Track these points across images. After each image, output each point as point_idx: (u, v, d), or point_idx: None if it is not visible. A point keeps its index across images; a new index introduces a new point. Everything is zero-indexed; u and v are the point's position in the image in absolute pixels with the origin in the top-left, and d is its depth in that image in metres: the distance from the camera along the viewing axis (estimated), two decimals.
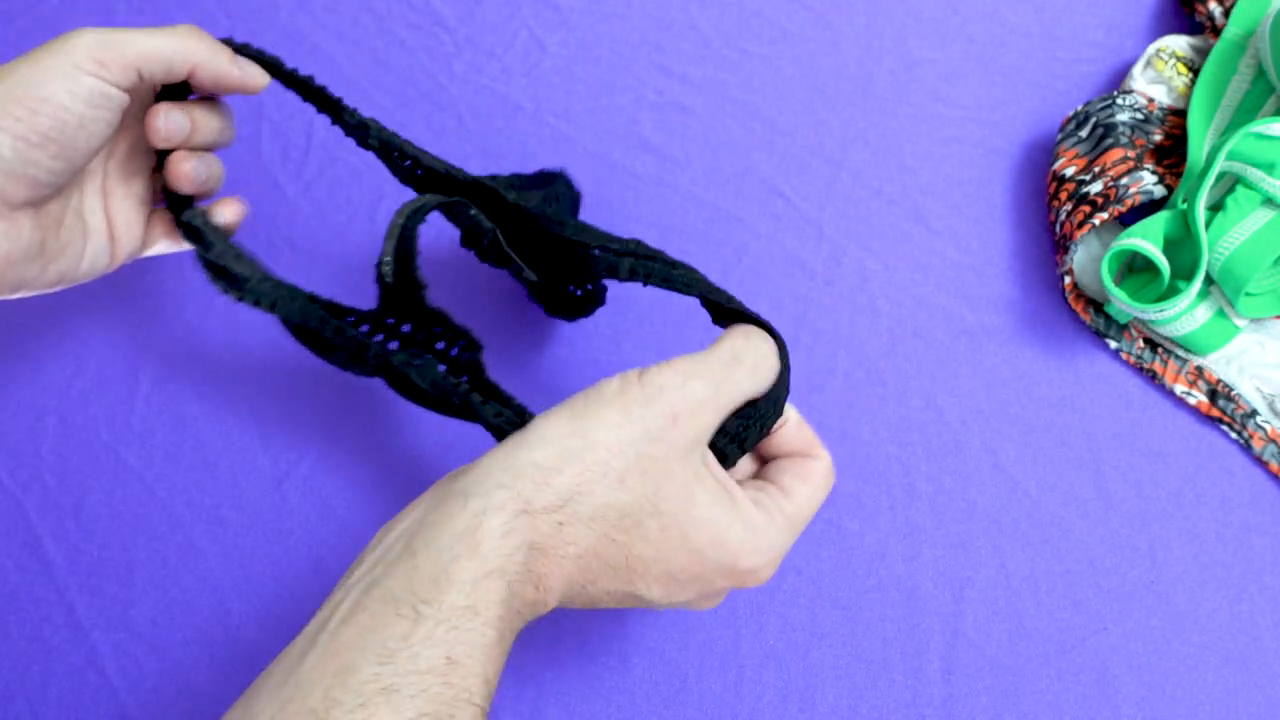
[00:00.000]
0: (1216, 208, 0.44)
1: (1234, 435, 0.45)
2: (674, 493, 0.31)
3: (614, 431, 0.30)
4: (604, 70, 0.53)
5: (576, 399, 0.31)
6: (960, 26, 0.52)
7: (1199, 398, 0.46)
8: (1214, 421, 0.46)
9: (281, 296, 0.36)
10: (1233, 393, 0.45)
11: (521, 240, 0.40)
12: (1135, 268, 0.46)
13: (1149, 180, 0.44)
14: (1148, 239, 0.43)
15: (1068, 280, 0.46)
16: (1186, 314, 0.43)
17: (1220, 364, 0.46)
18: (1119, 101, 0.47)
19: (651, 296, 0.49)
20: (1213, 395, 0.46)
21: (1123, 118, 0.46)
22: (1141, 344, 0.46)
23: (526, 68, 0.53)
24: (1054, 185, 0.47)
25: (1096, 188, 0.45)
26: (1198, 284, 0.42)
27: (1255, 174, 0.42)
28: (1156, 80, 0.48)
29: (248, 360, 0.48)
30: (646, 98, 0.52)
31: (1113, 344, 0.46)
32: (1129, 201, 0.44)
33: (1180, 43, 0.48)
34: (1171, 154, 0.47)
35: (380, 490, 0.46)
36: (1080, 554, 0.44)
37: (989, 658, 0.43)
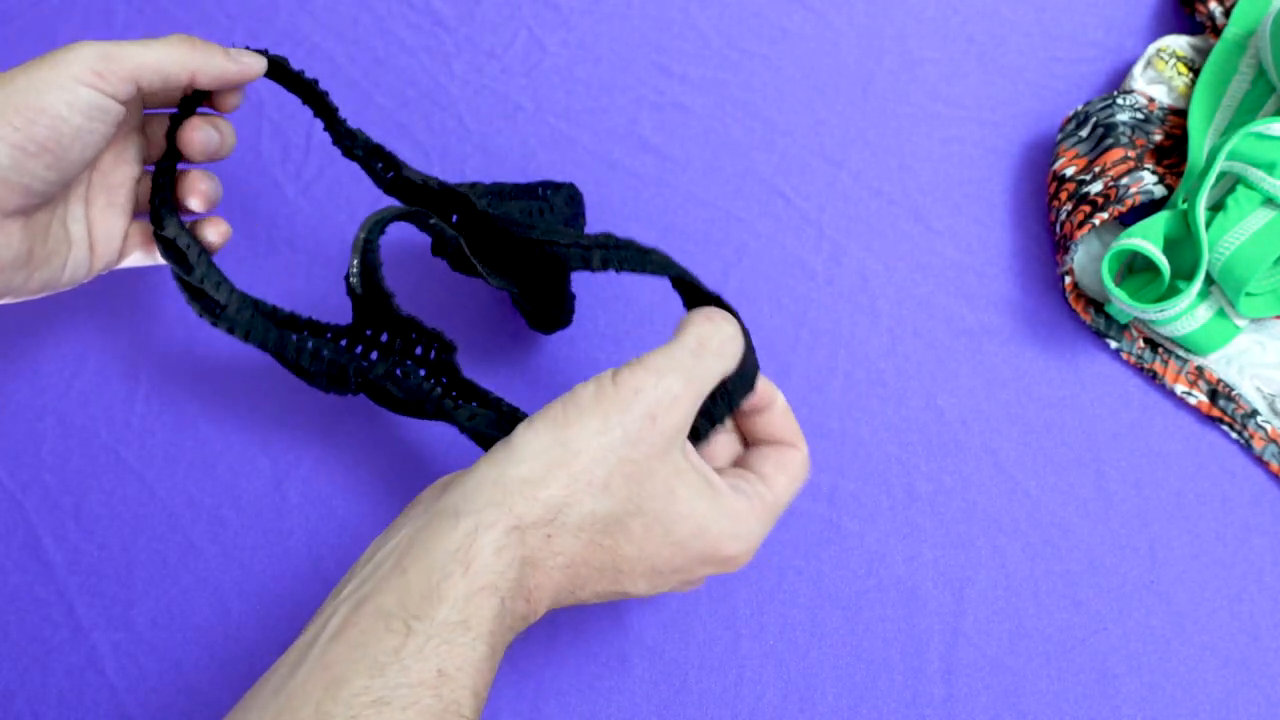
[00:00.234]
0: (1217, 208, 0.44)
1: (1234, 435, 0.45)
2: (656, 491, 0.31)
3: (595, 439, 0.30)
4: (604, 70, 0.53)
5: (555, 407, 0.31)
6: (960, 26, 0.52)
7: (1199, 398, 0.46)
8: (1214, 421, 0.46)
9: (257, 326, 0.37)
10: (1233, 393, 0.45)
11: (496, 248, 0.41)
12: (1135, 268, 0.46)
13: (1149, 180, 0.44)
14: (1148, 239, 0.43)
15: (1068, 280, 0.46)
16: (1187, 314, 0.43)
17: (1221, 364, 0.46)
18: (1119, 101, 0.47)
19: (651, 296, 0.49)
20: (1213, 395, 0.45)
21: (1123, 118, 0.46)
22: (1142, 344, 0.46)
23: (526, 68, 0.53)
24: (1054, 185, 0.47)
25: (1097, 188, 0.45)
26: (1198, 284, 0.42)
27: (1256, 174, 0.42)
28: (1157, 80, 0.48)
29: (248, 360, 0.48)
30: (646, 98, 0.52)
31: (1113, 344, 0.46)
32: (1129, 201, 0.44)
33: (1180, 43, 0.48)
34: (1172, 154, 0.47)
35: (380, 490, 0.46)
36: (1080, 554, 0.44)
37: (989, 658, 0.43)
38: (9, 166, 0.34)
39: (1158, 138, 0.47)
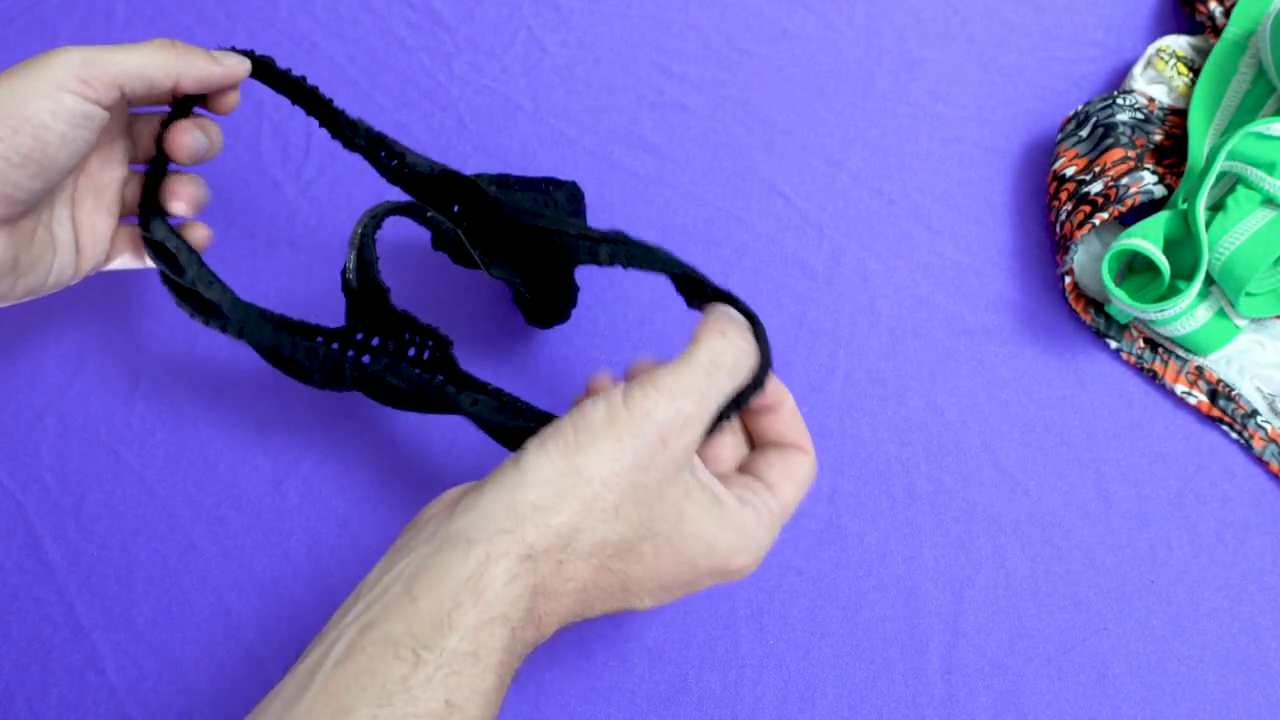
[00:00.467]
0: (1217, 207, 0.44)
1: (1234, 435, 0.45)
2: (666, 513, 0.31)
3: (607, 464, 0.30)
4: (604, 70, 0.53)
5: (566, 429, 0.31)
6: (960, 26, 0.52)
7: (1199, 398, 0.46)
8: (1214, 421, 0.46)
9: (251, 324, 0.37)
10: (1233, 393, 0.45)
11: (500, 237, 0.40)
12: (1135, 268, 0.46)
13: (1149, 180, 0.44)
14: (1148, 239, 0.43)
15: (1068, 280, 0.46)
16: (1187, 314, 0.43)
17: (1221, 364, 0.46)
18: (1119, 101, 0.47)
19: (651, 296, 0.49)
20: (1213, 395, 0.45)
21: (1123, 117, 0.46)
22: (1142, 344, 0.46)
23: (526, 68, 0.53)
24: (1054, 185, 0.47)
25: (1097, 188, 0.45)
26: (1198, 284, 0.42)
27: (1255, 174, 0.42)
28: (1157, 80, 0.48)
29: (248, 361, 0.48)
30: (646, 98, 0.52)
31: (1113, 344, 0.46)
32: (1129, 201, 0.44)
33: (1180, 42, 0.48)
34: (1172, 154, 0.47)
35: (381, 490, 0.46)
36: (1080, 554, 0.44)
37: (989, 658, 0.43)
38: None
39: (1158, 138, 0.47)
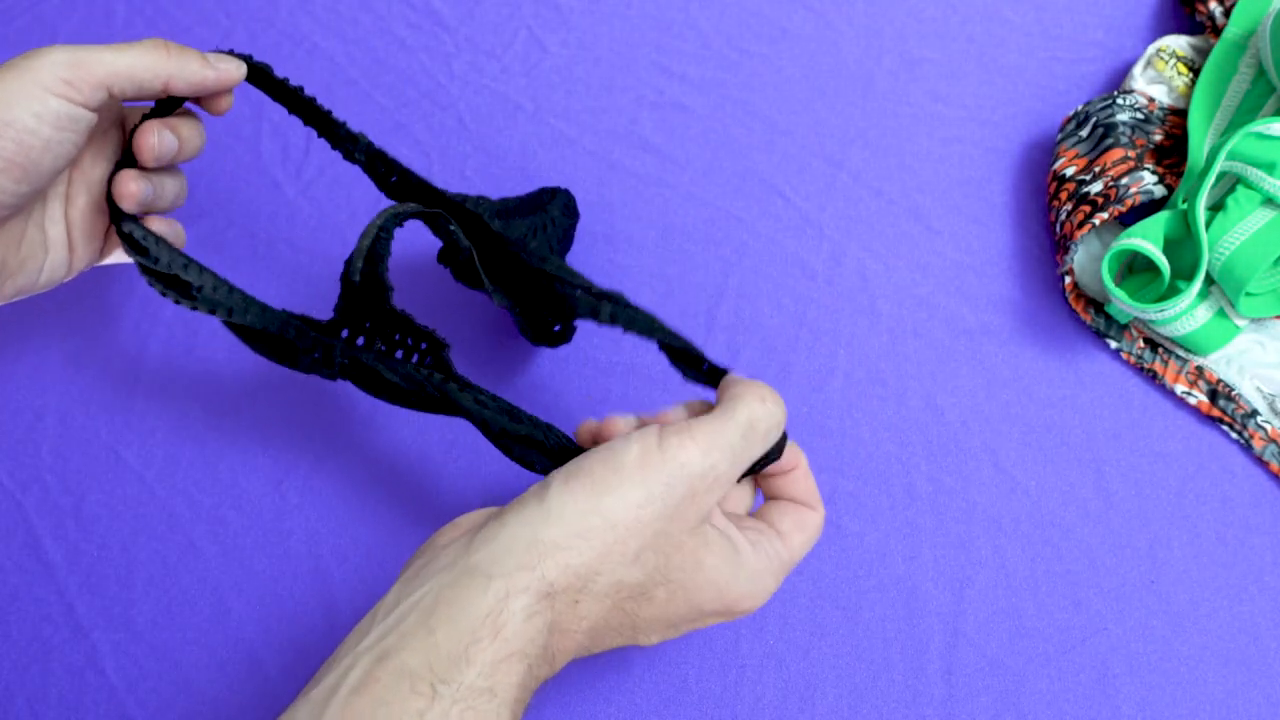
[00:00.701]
0: (1217, 207, 0.44)
1: (1234, 435, 0.45)
2: (684, 563, 0.31)
3: (633, 511, 0.30)
4: (604, 70, 0.53)
5: (595, 465, 0.31)
6: (960, 26, 0.52)
7: (1199, 398, 0.46)
8: (1214, 421, 0.46)
9: (237, 303, 0.35)
10: (1233, 393, 0.45)
11: (504, 266, 0.40)
12: (1135, 268, 0.46)
13: (1149, 180, 0.44)
14: (1148, 239, 0.43)
15: (1068, 280, 0.46)
16: (1187, 314, 0.43)
17: (1221, 364, 0.46)
18: (1119, 101, 0.47)
19: (653, 301, 0.49)
20: (1213, 395, 0.45)
21: (1123, 117, 0.46)
22: (1142, 344, 0.46)
23: (526, 68, 0.53)
24: (1054, 185, 0.47)
25: (1097, 188, 0.45)
26: (1198, 284, 0.42)
27: (1255, 174, 0.42)
28: (1157, 80, 0.48)
29: (248, 361, 0.48)
30: (646, 98, 0.52)
31: (1113, 344, 0.46)
32: (1129, 201, 0.44)
33: (1180, 42, 0.48)
34: (1172, 154, 0.47)
35: (381, 490, 0.46)
36: (1080, 554, 0.44)
37: (989, 658, 0.43)
38: None
39: (1158, 138, 0.47)
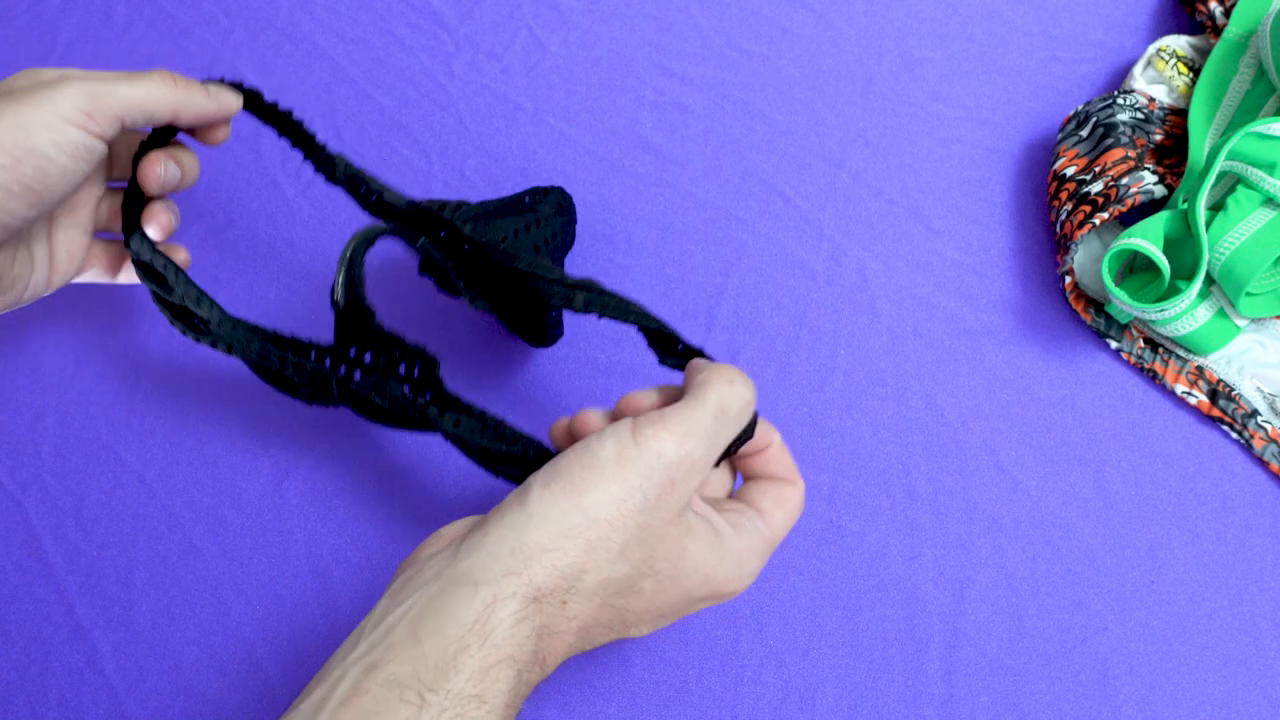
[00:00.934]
0: (1217, 207, 0.44)
1: (1235, 435, 0.45)
2: (668, 552, 0.31)
3: (615, 506, 0.30)
4: (604, 70, 0.53)
5: (572, 465, 0.31)
6: (960, 26, 0.52)
7: (1200, 398, 0.46)
8: (1215, 421, 0.46)
9: (240, 339, 0.38)
10: (1233, 393, 0.45)
11: (480, 272, 0.41)
12: (1136, 268, 0.46)
13: (1149, 180, 0.44)
14: (1148, 239, 0.43)
15: (1068, 280, 0.46)
16: (1187, 314, 0.43)
17: (1221, 364, 0.46)
18: (1119, 101, 0.47)
19: (653, 301, 0.49)
20: (1213, 395, 0.45)
21: (1123, 117, 0.46)
22: (1142, 344, 0.46)
23: (526, 68, 0.53)
24: (1054, 185, 0.47)
25: (1097, 187, 0.45)
26: (1198, 284, 0.42)
27: (1256, 174, 0.42)
28: (1157, 80, 0.48)
29: None
30: (646, 98, 0.52)
31: (1113, 344, 0.46)
32: (1129, 201, 0.44)
33: (1180, 42, 0.48)
34: (1172, 154, 0.47)
35: (381, 490, 0.46)
36: (1080, 554, 0.44)
37: (989, 658, 0.43)
38: None
39: (1158, 137, 0.47)
